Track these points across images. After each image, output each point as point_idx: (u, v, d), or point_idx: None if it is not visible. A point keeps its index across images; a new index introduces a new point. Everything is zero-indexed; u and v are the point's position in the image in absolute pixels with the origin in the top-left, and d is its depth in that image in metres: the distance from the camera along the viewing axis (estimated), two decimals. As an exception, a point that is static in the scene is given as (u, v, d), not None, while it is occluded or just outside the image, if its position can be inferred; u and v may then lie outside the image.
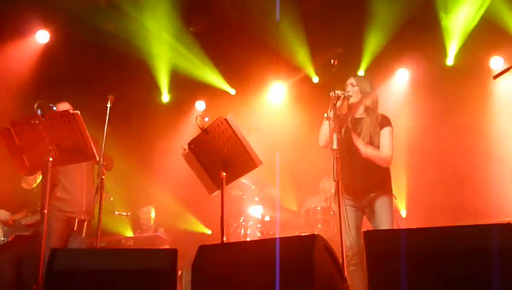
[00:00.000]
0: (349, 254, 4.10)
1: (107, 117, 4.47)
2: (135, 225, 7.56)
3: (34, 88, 6.72)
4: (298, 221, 6.94)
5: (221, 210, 3.95)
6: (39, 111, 3.99)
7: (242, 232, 6.37)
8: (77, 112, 4.01)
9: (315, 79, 7.80)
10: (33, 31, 6.99)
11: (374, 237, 2.82)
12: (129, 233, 7.42)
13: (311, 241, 2.73)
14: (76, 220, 4.91)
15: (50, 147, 3.99)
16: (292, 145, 7.32)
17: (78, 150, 4.03)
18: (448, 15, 6.83)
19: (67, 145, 4.02)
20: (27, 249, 5.33)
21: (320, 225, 6.34)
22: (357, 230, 4.32)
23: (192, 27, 7.45)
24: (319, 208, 6.44)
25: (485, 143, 6.88)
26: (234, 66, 7.75)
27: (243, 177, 6.27)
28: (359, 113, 4.53)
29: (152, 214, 7.51)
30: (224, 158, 4.03)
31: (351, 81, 4.55)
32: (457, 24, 6.90)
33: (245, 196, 6.62)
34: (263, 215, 6.62)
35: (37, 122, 3.97)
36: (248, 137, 4.07)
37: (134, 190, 7.53)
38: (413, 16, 6.72)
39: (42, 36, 7.03)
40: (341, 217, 3.84)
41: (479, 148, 6.87)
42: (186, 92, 8.13)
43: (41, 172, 4.79)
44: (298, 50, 7.37)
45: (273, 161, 5.88)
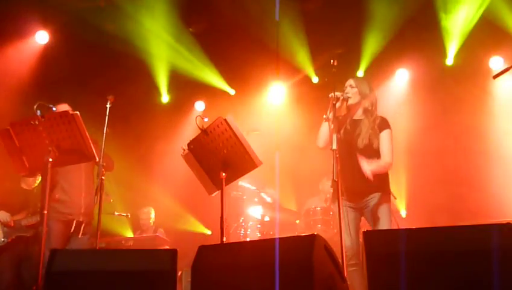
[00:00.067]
0: (348, 254, 4.10)
1: (107, 118, 4.48)
2: (135, 226, 7.56)
3: (34, 89, 6.72)
4: (298, 221, 6.95)
5: (221, 210, 3.96)
6: (39, 112, 3.99)
7: (242, 232, 6.37)
8: (77, 113, 4.00)
9: (315, 79, 7.80)
10: (32, 32, 6.99)
11: (374, 237, 2.82)
12: (129, 234, 7.42)
13: (310, 241, 2.73)
14: (74, 222, 4.90)
15: (50, 148, 3.98)
16: (292, 146, 7.32)
17: (78, 151, 4.03)
18: (447, 15, 6.83)
19: (66, 146, 4.01)
20: (27, 250, 5.33)
21: (319, 225, 6.35)
22: (356, 230, 4.33)
23: (191, 27, 7.46)
24: (319, 209, 6.45)
25: (485, 143, 6.88)
26: (234, 67, 7.75)
27: (242, 180, 6.36)
28: (358, 114, 4.53)
29: (152, 215, 7.51)
30: (223, 158, 4.03)
31: (350, 82, 4.55)
32: (456, 24, 6.90)
33: (245, 197, 6.62)
34: (263, 215, 6.62)
35: (37, 123, 3.97)
36: (247, 138, 4.07)
37: (134, 191, 7.53)
38: (413, 16, 6.72)
39: (42, 37, 7.04)
40: (340, 218, 3.84)
41: (479, 148, 6.87)
42: (185, 93, 8.13)
43: (40, 173, 4.78)
44: (298, 50, 7.37)
45: (272, 162, 5.88)
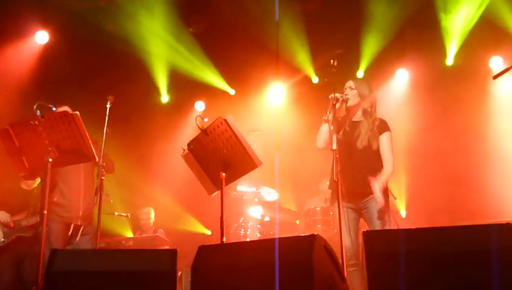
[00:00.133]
0: (348, 255, 4.10)
1: (107, 118, 4.47)
2: (135, 226, 7.55)
3: (34, 89, 6.72)
4: (298, 222, 6.94)
5: (220, 211, 3.95)
6: (38, 112, 3.98)
7: (242, 232, 6.37)
8: (76, 113, 4.00)
9: (315, 79, 7.79)
10: (32, 32, 6.99)
11: (374, 238, 2.81)
12: (129, 234, 7.41)
13: (310, 241, 2.72)
14: (72, 225, 4.90)
15: (49, 148, 3.97)
16: (292, 146, 7.31)
17: (78, 151, 4.02)
18: (447, 15, 6.83)
19: (66, 146, 4.01)
20: (27, 250, 5.32)
21: (319, 226, 6.35)
22: (356, 231, 4.33)
23: (191, 27, 7.45)
24: (319, 209, 6.44)
25: (485, 143, 6.88)
26: (234, 67, 7.75)
27: (240, 184, 6.36)
28: (357, 116, 4.53)
29: (152, 215, 7.50)
30: (223, 159, 4.03)
31: (350, 84, 4.55)
32: (456, 24, 6.90)
33: (245, 197, 6.62)
34: (263, 215, 6.62)
35: (37, 123, 3.96)
36: (247, 138, 4.07)
37: (133, 191, 7.52)
38: (412, 17, 6.72)
39: (41, 37, 7.04)
40: (340, 218, 3.84)
41: (479, 148, 6.87)
42: (185, 93, 8.13)
43: (40, 176, 4.76)
44: (298, 50, 7.36)
45: (272, 162, 5.87)
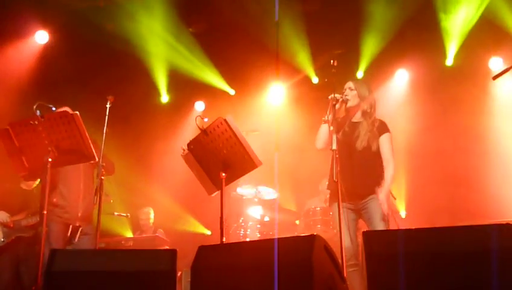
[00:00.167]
0: (348, 255, 4.10)
1: (107, 118, 4.47)
2: (135, 226, 7.55)
3: (33, 89, 6.72)
4: (297, 222, 6.94)
5: (220, 211, 3.95)
6: (38, 112, 3.98)
7: (241, 232, 6.37)
8: (76, 113, 4.00)
9: (315, 80, 7.79)
10: (32, 32, 6.99)
11: (373, 238, 2.81)
12: (129, 234, 7.42)
13: (310, 241, 2.72)
14: (70, 227, 4.89)
15: (49, 148, 3.97)
16: (292, 146, 7.31)
17: (78, 151, 4.02)
18: (447, 15, 6.83)
19: (66, 146, 4.01)
20: (27, 250, 5.32)
21: (319, 226, 6.34)
22: (355, 231, 4.33)
23: (191, 27, 7.45)
24: (319, 209, 6.44)
25: (485, 143, 6.88)
26: (234, 67, 7.75)
27: (239, 187, 6.36)
28: (356, 117, 4.53)
29: (151, 215, 7.50)
30: (223, 159, 4.03)
31: (349, 85, 4.54)
32: (456, 24, 6.90)
33: (244, 197, 6.62)
34: (262, 216, 6.62)
35: (36, 123, 3.96)
36: (247, 138, 4.07)
37: (133, 191, 7.52)
38: (412, 17, 6.71)
39: (41, 37, 7.04)
40: (340, 218, 3.84)
41: (479, 148, 6.87)
42: (185, 93, 8.13)
43: (39, 177, 4.75)
44: (298, 51, 7.36)
45: (272, 162, 5.87)
